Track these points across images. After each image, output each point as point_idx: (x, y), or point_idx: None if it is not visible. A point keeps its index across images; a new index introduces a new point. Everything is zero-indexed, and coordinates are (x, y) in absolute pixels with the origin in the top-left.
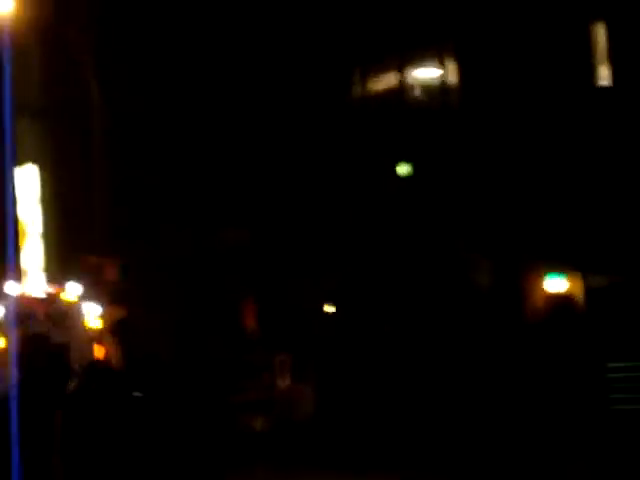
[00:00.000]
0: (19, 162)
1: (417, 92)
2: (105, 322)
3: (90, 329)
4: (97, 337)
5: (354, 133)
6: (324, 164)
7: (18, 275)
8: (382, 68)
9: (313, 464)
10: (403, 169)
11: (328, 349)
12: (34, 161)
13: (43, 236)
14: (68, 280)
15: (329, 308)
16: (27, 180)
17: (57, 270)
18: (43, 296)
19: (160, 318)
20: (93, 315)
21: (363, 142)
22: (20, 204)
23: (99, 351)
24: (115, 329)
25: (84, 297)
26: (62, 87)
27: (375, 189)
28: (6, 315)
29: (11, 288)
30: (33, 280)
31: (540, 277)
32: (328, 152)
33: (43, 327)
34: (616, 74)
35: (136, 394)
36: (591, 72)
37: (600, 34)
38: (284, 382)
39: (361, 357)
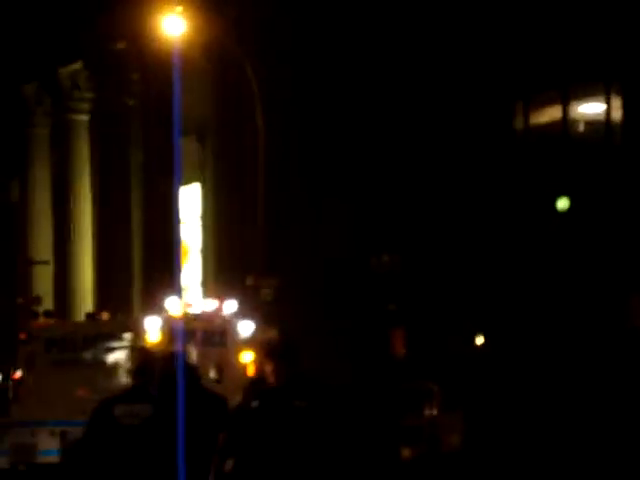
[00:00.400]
0: (184, 181)
1: (580, 126)
2: (258, 341)
3: (245, 347)
4: (252, 355)
5: (514, 164)
6: (482, 192)
7: (179, 291)
8: (545, 101)
9: None
10: (563, 203)
11: (478, 379)
12: (197, 180)
13: (202, 253)
14: (225, 298)
15: (479, 339)
16: (190, 198)
17: (214, 287)
18: (201, 313)
19: (314, 340)
20: (247, 333)
21: (523, 174)
22: (183, 222)
23: (252, 369)
24: (268, 349)
25: (239, 315)
26: (227, 108)
27: (533, 221)
28: (163, 329)
29: (172, 304)
30: (192, 297)
31: None
32: (487, 181)
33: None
34: None
35: (298, 403)
36: None
37: None
38: (432, 411)
39: (512, 388)
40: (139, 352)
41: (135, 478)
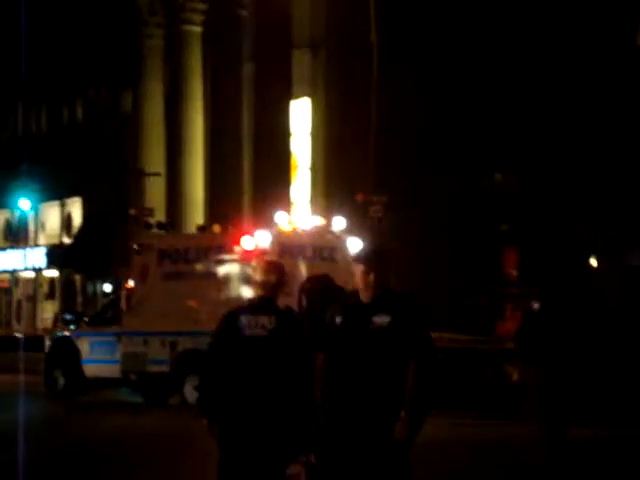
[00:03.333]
0: (294, 95)
1: None
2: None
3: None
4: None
5: (637, 81)
6: (602, 108)
7: (288, 207)
8: None
9: None
10: None
11: (589, 301)
12: (308, 94)
13: (311, 169)
14: (334, 214)
15: (593, 261)
16: (300, 113)
17: (324, 203)
18: (310, 228)
19: (421, 256)
20: (355, 250)
21: None
22: (293, 137)
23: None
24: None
25: (348, 232)
26: (341, 23)
27: None
28: (273, 245)
29: (281, 218)
30: (301, 212)
31: None
32: (608, 97)
33: (309, 261)
34: None
35: (379, 321)
36: None
37: None
38: None
39: (621, 314)
40: (265, 264)
41: (255, 388)
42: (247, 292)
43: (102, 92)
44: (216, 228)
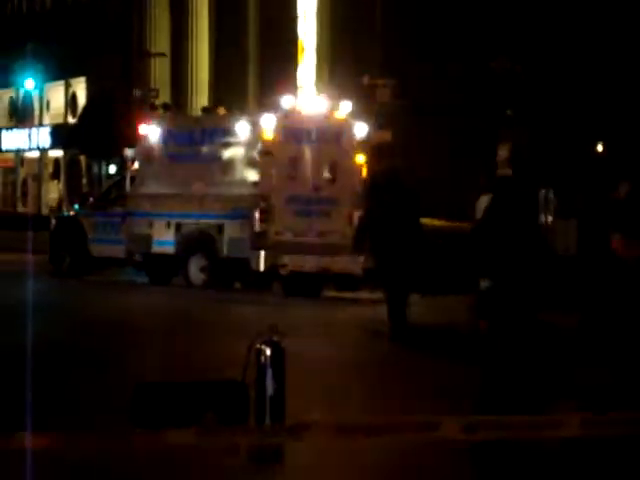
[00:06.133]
0: None
1: None
2: (371, 142)
3: (359, 148)
4: (365, 156)
5: None
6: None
7: (294, 90)
8: None
9: None
10: None
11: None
12: None
13: (317, 52)
14: (340, 98)
15: (599, 146)
16: None
17: (330, 87)
18: (316, 112)
19: (427, 142)
20: (361, 135)
21: None
22: (299, 20)
23: (366, 170)
24: (378, 151)
25: (354, 116)
26: None
27: None
28: (277, 129)
29: (287, 101)
30: (307, 95)
31: None
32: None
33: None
34: None
35: None
36: None
37: None
38: (547, 218)
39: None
40: None
41: None
42: (251, 175)
43: None
44: (221, 110)
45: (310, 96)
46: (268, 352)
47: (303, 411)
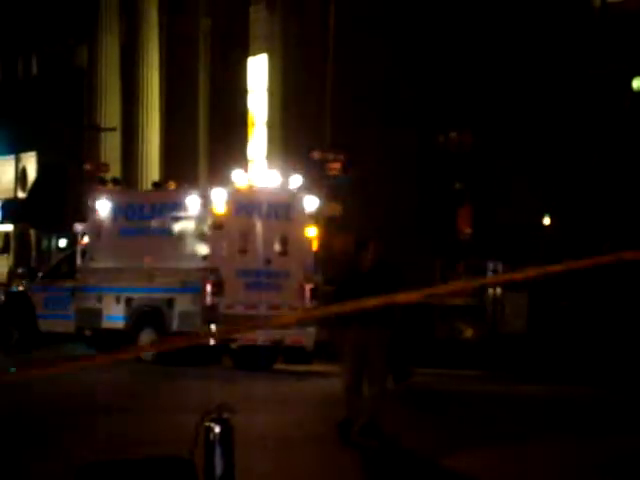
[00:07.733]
0: (251, 52)
1: None
2: (322, 215)
3: (309, 221)
4: (316, 229)
5: (591, 41)
6: (557, 67)
7: (244, 165)
8: None
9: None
10: (638, 83)
11: (544, 260)
12: (265, 51)
13: (267, 126)
14: (291, 171)
15: (546, 220)
16: (257, 70)
17: (280, 161)
18: (266, 186)
19: (375, 215)
20: (311, 208)
21: (599, 51)
22: (250, 94)
23: (316, 243)
24: (327, 224)
25: (305, 190)
26: None
27: (607, 100)
28: (228, 203)
29: (237, 176)
30: (258, 169)
31: None
32: (563, 56)
33: (265, 217)
34: None
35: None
36: None
37: None
38: (495, 290)
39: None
40: None
41: None
42: (202, 249)
43: (57, 45)
44: (171, 185)
45: (261, 170)
46: (217, 430)
47: None
